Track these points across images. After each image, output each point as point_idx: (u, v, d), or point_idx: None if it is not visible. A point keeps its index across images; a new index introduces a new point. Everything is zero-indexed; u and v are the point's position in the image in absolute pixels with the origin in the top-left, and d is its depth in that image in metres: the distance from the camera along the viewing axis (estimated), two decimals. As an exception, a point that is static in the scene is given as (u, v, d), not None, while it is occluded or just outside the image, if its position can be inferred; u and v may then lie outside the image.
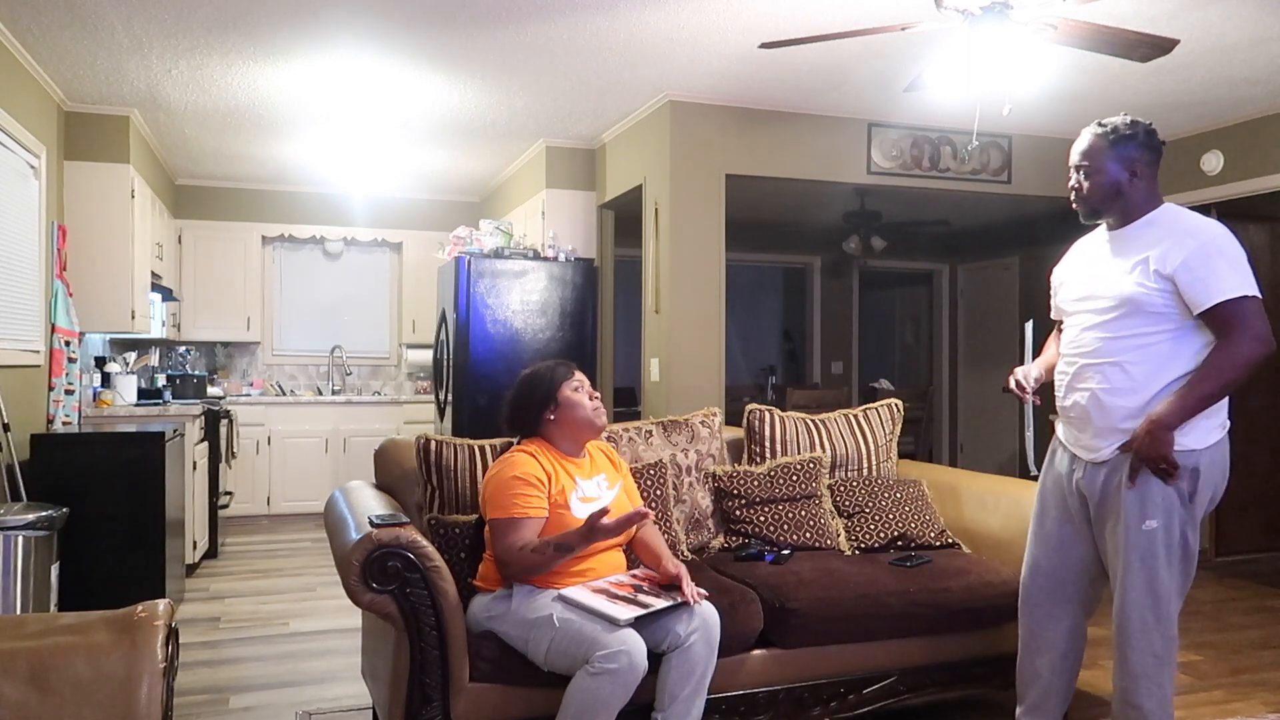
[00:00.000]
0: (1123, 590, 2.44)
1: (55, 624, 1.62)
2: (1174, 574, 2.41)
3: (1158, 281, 2.36)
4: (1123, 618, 2.45)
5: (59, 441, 4.30)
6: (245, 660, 3.77)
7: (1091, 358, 2.48)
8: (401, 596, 2.35)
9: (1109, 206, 2.50)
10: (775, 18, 3.69)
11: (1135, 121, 2.48)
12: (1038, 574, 2.69)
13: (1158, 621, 2.42)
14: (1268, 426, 5.88)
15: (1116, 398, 2.42)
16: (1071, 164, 2.57)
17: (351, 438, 7.12)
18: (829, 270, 9.03)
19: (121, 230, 5.18)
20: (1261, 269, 5.95)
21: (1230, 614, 4.52)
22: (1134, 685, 2.45)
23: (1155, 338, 2.39)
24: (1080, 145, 2.54)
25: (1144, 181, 2.46)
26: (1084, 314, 2.53)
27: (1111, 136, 2.47)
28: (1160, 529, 2.38)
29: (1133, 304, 2.40)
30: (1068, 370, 2.56)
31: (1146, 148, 2.46)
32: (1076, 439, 2.56)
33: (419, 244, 7.57)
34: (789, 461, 3.39)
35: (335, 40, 4.03)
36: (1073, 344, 2.56)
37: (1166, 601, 2.41)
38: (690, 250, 4.79)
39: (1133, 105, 4.87)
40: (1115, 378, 2.43)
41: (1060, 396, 2.60)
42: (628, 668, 2.25)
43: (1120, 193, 2.46)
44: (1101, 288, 2.48)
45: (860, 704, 2.90)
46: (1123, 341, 2.42)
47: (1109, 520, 2.48)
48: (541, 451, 2.64)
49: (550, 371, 2.72)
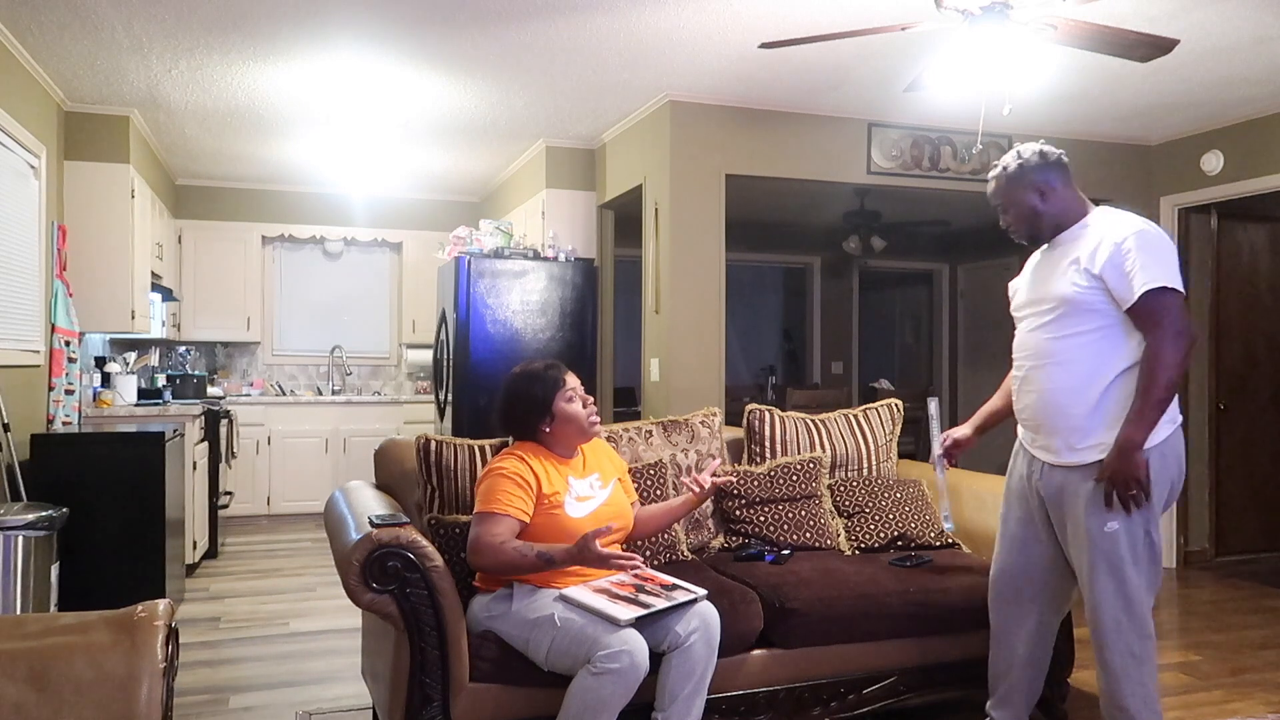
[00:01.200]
0: (1092, 593, 2.48)
1: (55, 624, 1.62)
2: (1141, 572, 2.46)
3: (1089, 280, 2.46)
4: (1096, 621, 2.50)
5: (59, 441, 4.30)
6: (245, 660, 3.77)
7: (1037, 359, 2.57)
8: (401, 596, 2.35)
9: (1038, 229, 2.63)
10: (775, 17, 3.69)
11: (1019, 151, 2.63)
12: (1003, 574, 2.77)
13: (1131, 621, 2.46)
14: (1267, 427, 5.88)
15: (1063, 396, 2.50)
16: (993, 208, 2.71)
17: (351, 438, 7.12)
18: (829, 270, 9.03)
19: (121, 230, 5.18)
20: (1261, 269, 5.99)
21: (1230, 614, 4.52)
22: (1116, 687, 2.49)
23: (1092, 335, 2.47)
24: (990, 191, 2.70)
25: (1059, 196, 2.58)
26: (1029, 318, 2.64)
27: (1009, 172, 2.62)
28: (1122, 530, 2.44)
29: (1069, 303, 2.49)
30: (1018, 374, 2.67)
31: (1044, 168, 2.60)
32: (1033, 440, 2.62)
33: (419, 244, 7.57)
34: (789, 461, 3.39)
35: (335, 40, 4.03)
36: (1021, 348, 2.66)
37: (1137, 601, 2.46)
38: (690, 250, 4.79)
39: (1133, 105, 4.87)
40: (1059, 377, 2.51)
41: (1015, 400, 2.70)
42: (629, 667, 2.25)
43: (1038, 214, 2.59)
44: (1042, 291, 2.59)
45: (860, 704, 2.90)
46: (1063, 341, 2.51)
47: (1069, 522, 2.54)
48: (534, 455, 2.64)
49: (542, 381, 2.66)
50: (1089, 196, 2.69)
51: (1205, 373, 5.68)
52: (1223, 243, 5.73)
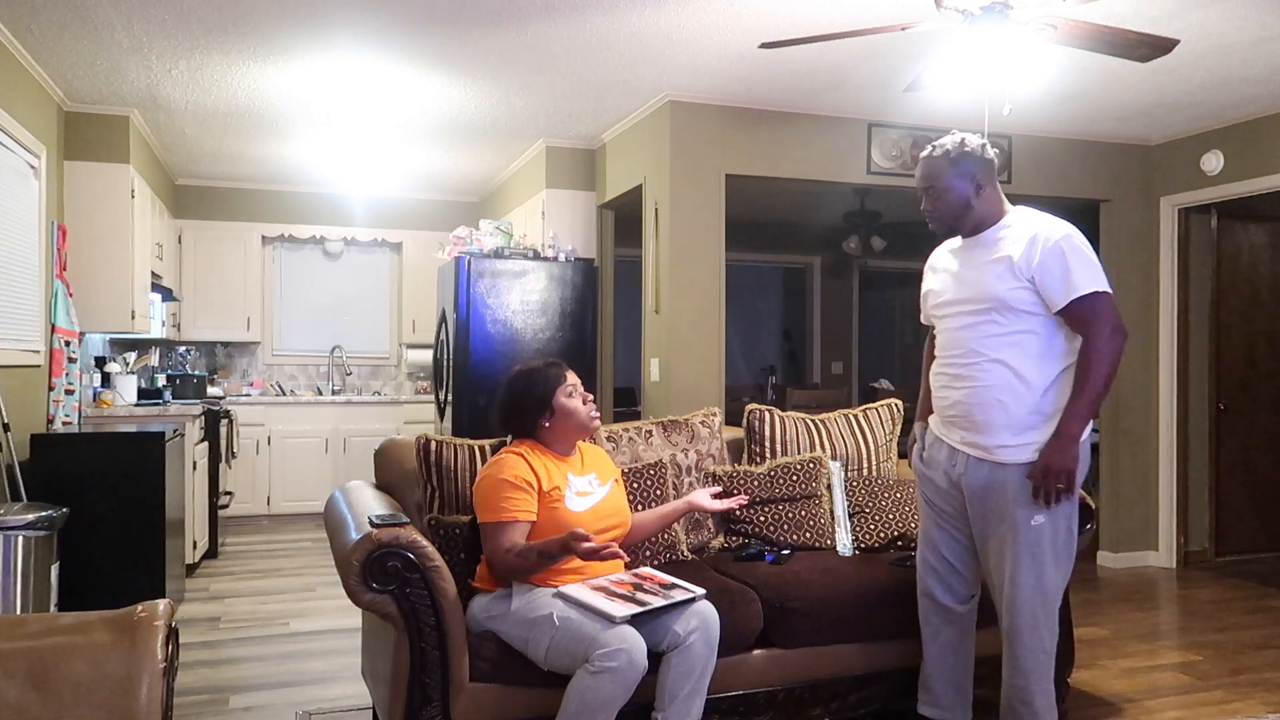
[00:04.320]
0: (1013, 587, 2.51)
1: (55, 624, 1.62)
2: (1059, 567, 2.51)
3: (1021, 280, 2.48)
4: (1013, 615, 2.52)
5: (59, 441, 4.29)
6: (245, 660, 3.77)
7: (969, 357, 2.58)
8: (401, 596, 2.35)
9: (962, 221, 2.63)
10: (776, 18, 3.68)
11: (965, 139, 2.61)
12: (923, 566, 2.80)
13: (1046, 617, 2.51)
14: (1268, 427, 5.88)
15: (1004, 393, 2.51)
16: (919, 189, 2.67)
17: (351, 438, 7.12)
18: (829, 270, 9.03)
19: (121, 230, 5.17)
20: (1261, 269, 5.99)
21: (1230, 614, 4.52)
22: (1025, 683, 2.53)
23: (1028, 335, 2.50)
24: (922, 170, 2.66)
25: (989, 191, 2.59)
26: (956, 316, 2.63)
27: (951, 156, 2.59)
28: (1047, 524, 2.48)
29: (1002, 302, 2.50)
30: (946, 371, 2.66)
31: (983, 160, 2.59)
32: (962, 438, 2.61)
33: (419, 244, 7.56)
34: (789, 461, 3.39)
35: (335, 40, 4.03)
36: (948, 346, 2.66)
37: (1054, 597, 2.52)
38: (690, 250, 4.78)
39: (1133, 105, 4.87)
40: (1000, 374, 2.51)
41: (940, 397, 2.69)
42: (627, 665, 2.25)
43: (969, 206, 2.59)
44: (971, 290, 2.59)
45: (860, 704, 2.90)
46: (998, 339, 2.52)
47: (992, 517, 2.55)
48: (533, 452, 2.64)
49: (543, 377, 2.69)
50: (1089, 196, 2.70)
51: (1205, 373, 5.68)
52: (1223, 243, 5.73)
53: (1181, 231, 5.56)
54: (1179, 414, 5.57)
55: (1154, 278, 5.61)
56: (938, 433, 2.72)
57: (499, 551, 2.49)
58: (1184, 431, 5.60)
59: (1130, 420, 5.59)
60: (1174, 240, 5.55)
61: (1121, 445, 5.59)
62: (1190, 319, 5.62)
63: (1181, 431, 5.58)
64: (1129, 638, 4.11)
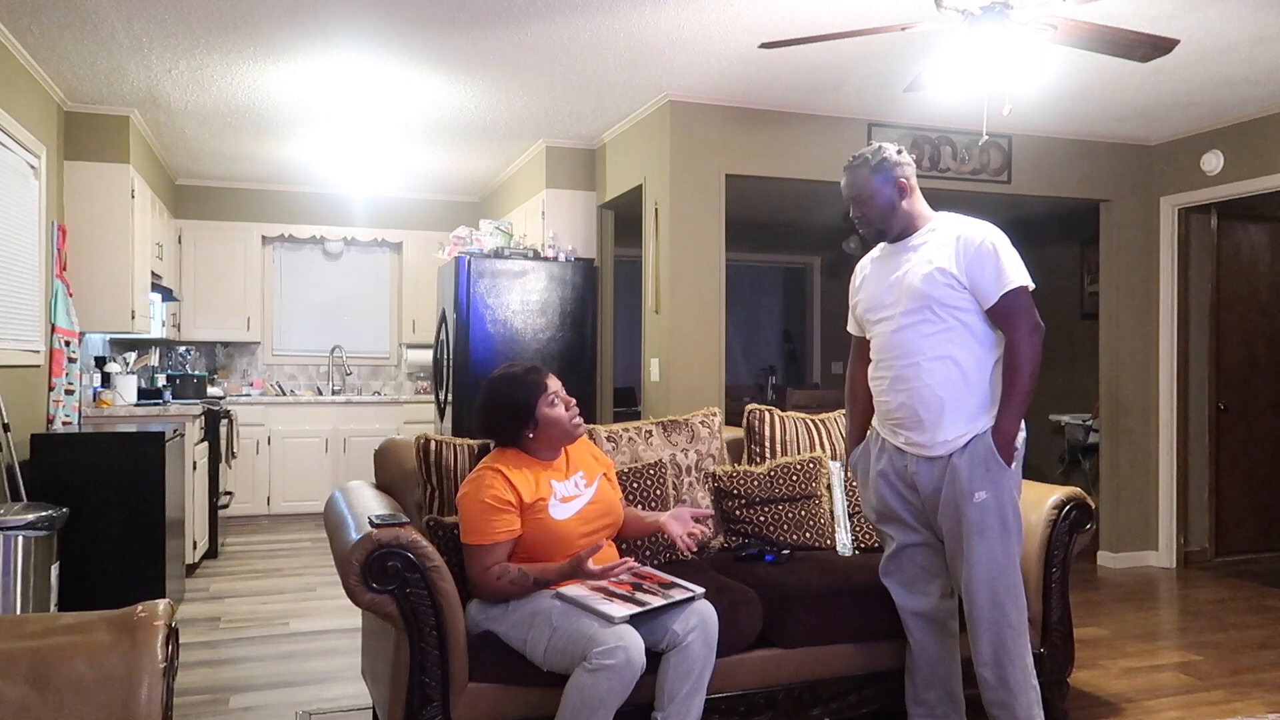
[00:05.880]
0: (967, 568, 2.55)
1: (55, 624, 1.62)
2: (1008, 540, 2.54)
3: (950, 280, 2.53)
4: (971, 596, 2.55)
5: (59, 441, 4.29)
6: (245, 660, 3.77)
7: (906, 358, 2.60)
8: (401, 596, 2.35)
9: (890, 225, 2.66)
10: (775, 18, 3.68)
11: (882, 146, 2.68)
12: (888, 562, 2.80)
13: (1007, 590, 2.54)
14: (1268, 427, 5.88)
15: (947, 390, 2.54)
16: (846, 198, 2.73)
17: (351, 438, 7.13)
18: (829, 270, 9.02)
19: (121, 230, 5.17)
20: (1261, 269, 5.99)
21: (1230, 614, 4.52)
22: (994, 661, 2.55)
23: (962, 330, 2.54)
24: (847, 180, 2.72)
25: (913, 196, 2.66)
26: (889, 320, 2.66)
27: (873, 164, 2.64)
28: (991, 499, 2.51)
29: (934, 300, 2.55)
30: (885, 375, 2.68)
31: (903, 164, 2.65)
32: (908, 439, 2.63)
33: (419, 244, 7.57)
34: (789, 461, 3.39)
35: (336, 40, 4.03)
36: (884, 350, 2.68)
37: (1009, 569, 2.54)
38: (690, 250, 4.78)
39: (1132, 105, 4.87)
40: (940, 372, 2.55)
41: (884, 401, 2.70)
42: (625, 664, 2.25)
43: (895, 209, 2.65)
44: (901, 293, 2.62)
45: (860, 704, 2.90)
46: (935, 337, 2.56)
47: (948, 509, 2.58)
48: (514, 466, 2.58)
49: (524, 387, 2.61)
50: (1089, 196, 2.70)
51: (1205, 373, 5.68)
52: (1223, 243, 5.73)
53: (1181, 231, 5.56)
54: (1179, 414, 5.57)
55: (1154, 278, 5.61)
56: (885, 435, 2.73)
57: (482, 574, 2.48)
58: (1184, 431, 5.60)
59: (1130, 420, 5.59)
60: (1174, 240, 5.55)
61: (1121, 445, 5.59)
62: (1190, 319, 5.62)
63: (1181, 431, 5.58)
64: (1129, 638, 4.11)
